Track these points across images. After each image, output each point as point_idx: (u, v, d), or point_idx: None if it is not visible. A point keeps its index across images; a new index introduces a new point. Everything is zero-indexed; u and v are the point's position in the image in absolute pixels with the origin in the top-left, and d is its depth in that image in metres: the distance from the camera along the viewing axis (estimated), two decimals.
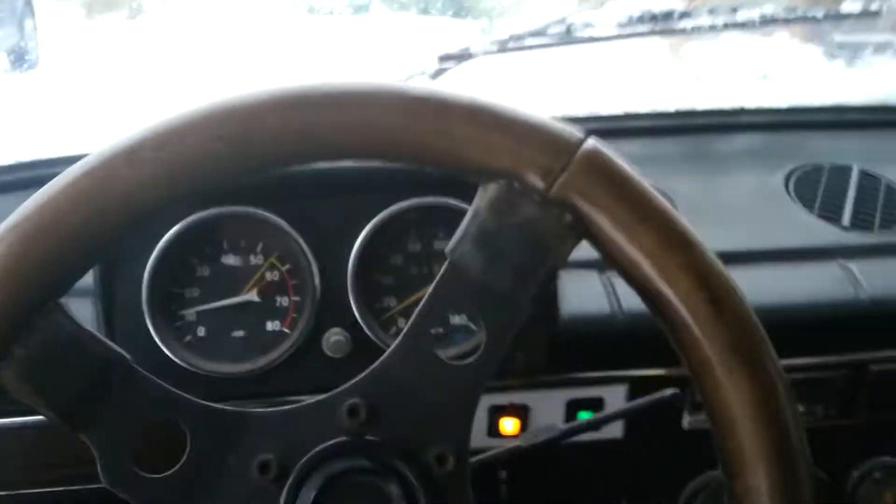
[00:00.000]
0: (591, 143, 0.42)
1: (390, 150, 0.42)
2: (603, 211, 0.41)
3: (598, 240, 0.42)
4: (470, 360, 0.44)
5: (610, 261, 0.42)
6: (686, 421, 0.84)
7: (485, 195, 0.43)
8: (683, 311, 0.41)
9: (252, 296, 0.76)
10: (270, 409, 0.45)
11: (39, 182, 0.42)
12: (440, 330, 0.79)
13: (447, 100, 0.42)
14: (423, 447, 0.44)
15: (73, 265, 0.41)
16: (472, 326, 0.79)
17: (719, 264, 0.42)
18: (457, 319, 0.79)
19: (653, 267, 0.41)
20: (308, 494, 0.44)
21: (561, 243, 0.42)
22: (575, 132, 0.42)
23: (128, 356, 0.44)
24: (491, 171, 0.42)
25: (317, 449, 0.44)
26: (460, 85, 1.07)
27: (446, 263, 0.44)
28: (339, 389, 0.45)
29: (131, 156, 0.40)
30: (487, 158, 0.41)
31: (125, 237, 0.42)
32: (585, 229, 0.42)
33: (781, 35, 1.19)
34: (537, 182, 0.41)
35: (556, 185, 0.41)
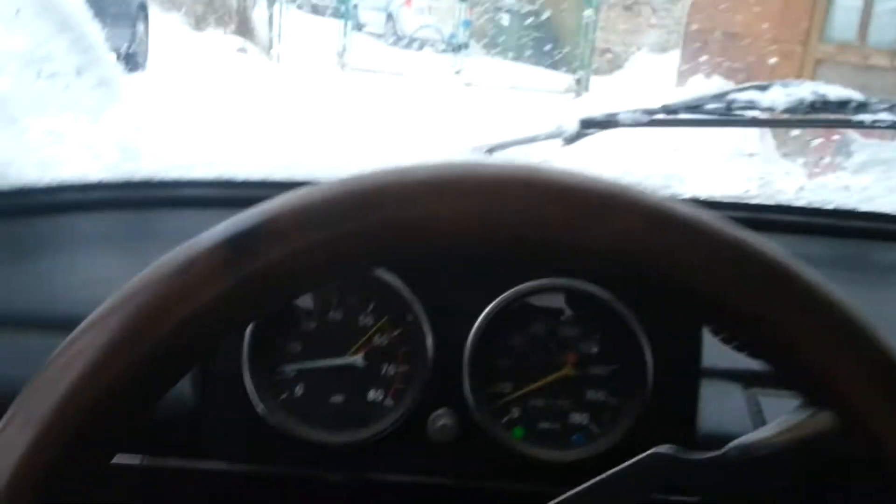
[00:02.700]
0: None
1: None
2: None
3: None
4: None
5: None
6: None
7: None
8: None
9: (357, 359, 0.69)
10: None
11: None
12: (556, 426, 0.71)
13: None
14: None
15: (144, 397, 0.31)
16: (594, 429, 0.70)
17: None
18: (576, 418, 0.71)
19: None
20: None
21: None
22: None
23: None
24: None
25: None
26: (598, 155, 0.99)
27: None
28: None
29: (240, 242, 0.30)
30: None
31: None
32: None
33: None
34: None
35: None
